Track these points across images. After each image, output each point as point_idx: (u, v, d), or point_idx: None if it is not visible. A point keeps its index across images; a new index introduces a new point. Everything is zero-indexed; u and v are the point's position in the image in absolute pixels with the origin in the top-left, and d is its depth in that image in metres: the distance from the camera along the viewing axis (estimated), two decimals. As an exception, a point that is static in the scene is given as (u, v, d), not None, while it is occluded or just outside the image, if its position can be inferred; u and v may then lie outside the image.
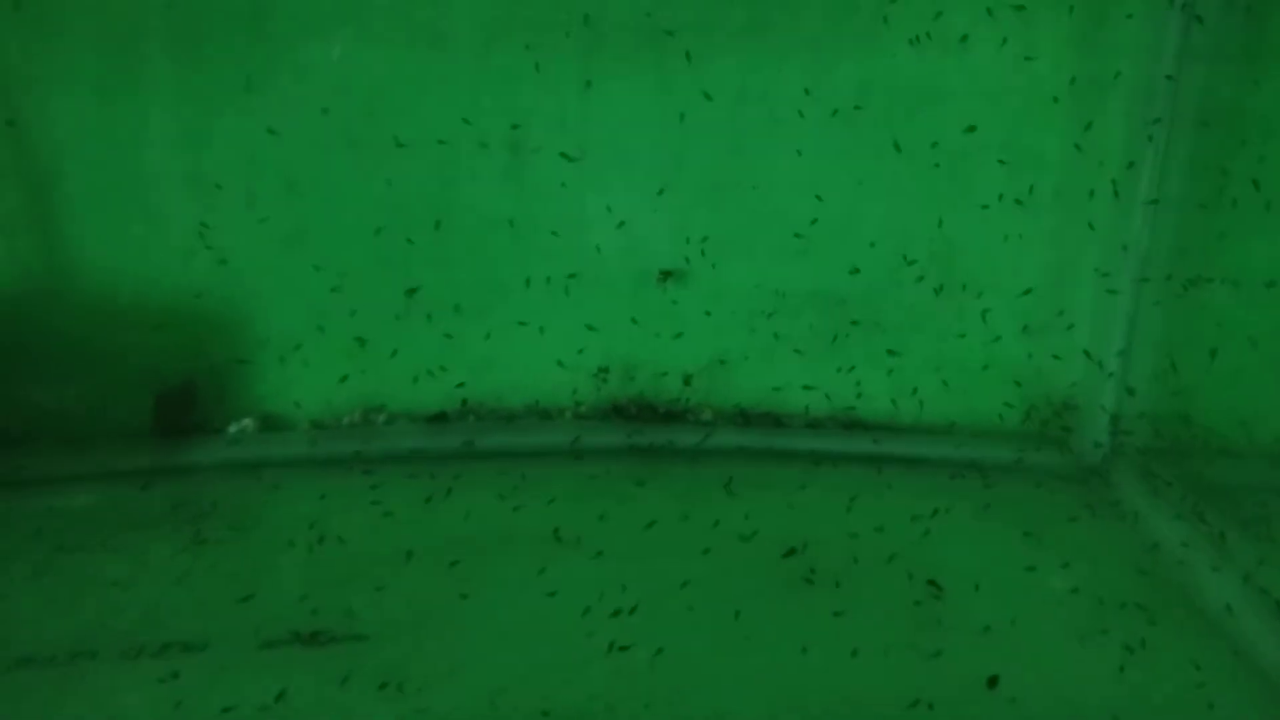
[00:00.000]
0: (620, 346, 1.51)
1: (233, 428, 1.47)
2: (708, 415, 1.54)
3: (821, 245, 1.47)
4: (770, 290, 1.49)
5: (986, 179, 1.43)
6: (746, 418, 1.54)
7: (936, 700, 0.99)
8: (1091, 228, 1.43)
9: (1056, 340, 1.49)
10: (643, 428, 1.50)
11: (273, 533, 1.25)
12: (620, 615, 1.10)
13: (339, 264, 1.44)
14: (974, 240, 1.46)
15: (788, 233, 1.46)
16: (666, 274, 1.48)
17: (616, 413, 1.53)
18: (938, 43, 1.39)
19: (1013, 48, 1.39)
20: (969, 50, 1.39)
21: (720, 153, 1.43)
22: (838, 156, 1.43)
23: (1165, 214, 1.37)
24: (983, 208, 1.44)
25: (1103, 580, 1.20)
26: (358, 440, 1.45)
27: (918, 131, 1.42)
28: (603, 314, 1.49)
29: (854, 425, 1.54)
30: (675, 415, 1.53)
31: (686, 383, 1.53)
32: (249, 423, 1.47)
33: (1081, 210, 1.43)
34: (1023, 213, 1.45)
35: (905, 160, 1.43)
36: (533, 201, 1.44)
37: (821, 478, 1.43)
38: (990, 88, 1.40)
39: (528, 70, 1.38)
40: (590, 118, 1.41)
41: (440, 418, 1.51)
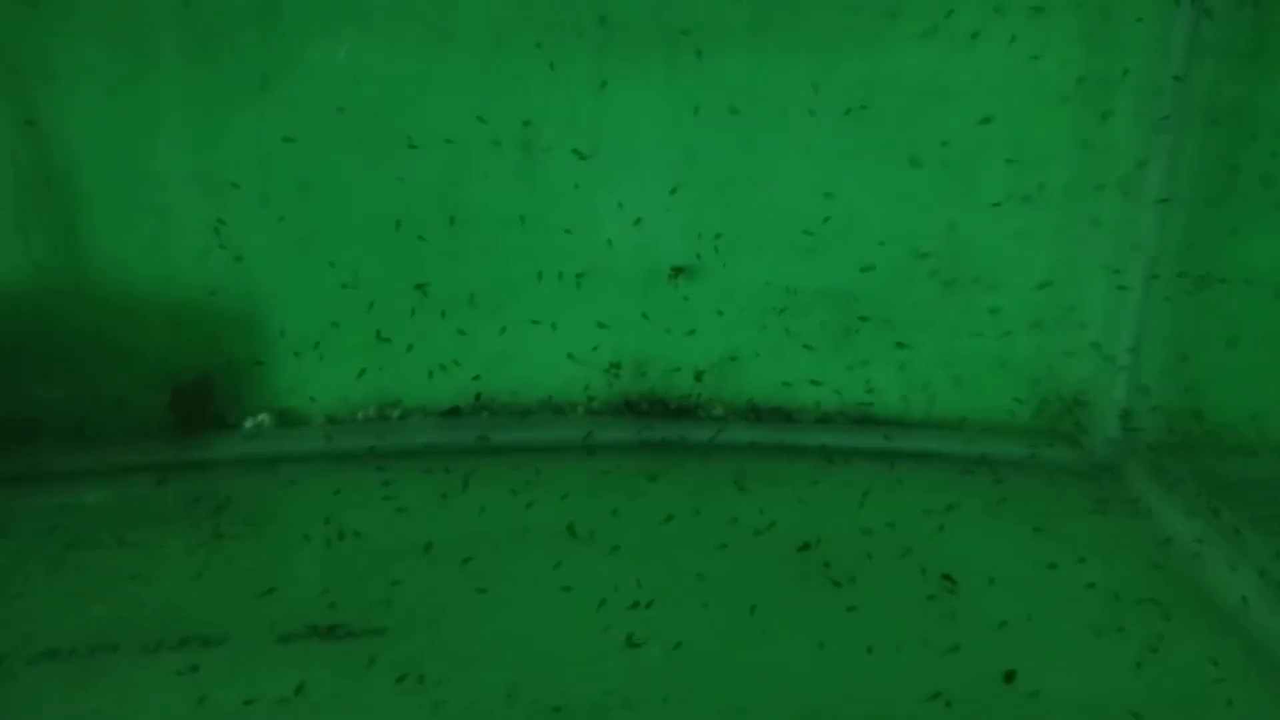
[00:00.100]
0: (632, 343, 1.52)
1: (249, 423, 1.47)
2: (719, 411, 1.54)
3: (832, 242, 1.47)
4: (781, 287, 1.49)
5: (996, 176, 1.44)
6: (758, 413, 1.54)
7: (954, 695, 0.99)
8: (1101, 225, 1.43)
9: (1068, 336, 1.50)
10: (654, 423, 1.51)
11: (289, 527, 1.26)
12: (636, 609, 1.10)
13: (353, 261, 1.44)
14: (984, 237, 1.46)
15: (798, 230, 1.46)
16: (678, 271, 1.49)
17: (629, 408, 1.53)
18: (946, 41, 1.39)
19: (1022, 46, 1.39)
20: (978, 48, 1.39)
21: (731, 150, 1.44)
22: (847, 154, 1.43)
23: (1175, 211, 1.37)
24: (993, 205, 1.45)
25: (1117, 575, 1.20)
26: (373, 435, 1.45)
27: (927, 129, 1.42)
28: (615, 310, 1.50)
29: (865, 421, 1.54)
30: (687, 411, 1.53)
31: (698, 379, 1.53)
32: (265, 418, 1.48)
33: (1091, 207, 1.44)
34: (1032, 210, 1.45)
35: (914, 158, 1.43)
36: (545, 199, 1.44)
37: (833, 473, 1.43)
38: (999, 85, 1.40)
39: (540, 69, 1.39)
40: (602, 116, 1.41)
41: (454, 413, 1.51)
